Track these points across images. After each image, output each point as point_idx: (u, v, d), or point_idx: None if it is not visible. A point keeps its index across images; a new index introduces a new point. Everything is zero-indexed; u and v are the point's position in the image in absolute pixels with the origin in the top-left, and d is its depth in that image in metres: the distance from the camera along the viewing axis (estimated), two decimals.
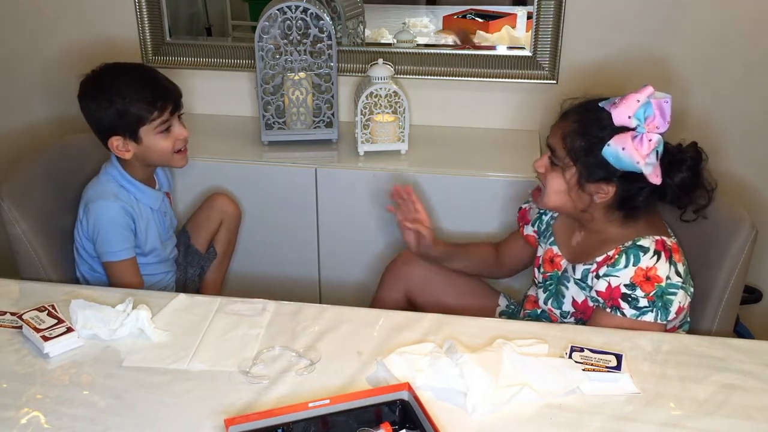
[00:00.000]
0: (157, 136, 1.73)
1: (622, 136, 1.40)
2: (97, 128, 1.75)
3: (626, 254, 1.46)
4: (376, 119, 2.08)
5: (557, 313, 1.62)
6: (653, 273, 1.43)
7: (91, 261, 1.81)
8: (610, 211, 1.51)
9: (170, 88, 1.76)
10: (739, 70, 2.10)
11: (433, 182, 2.02)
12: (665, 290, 1.42)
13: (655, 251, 1.44)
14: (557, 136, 1.48)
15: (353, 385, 1.28)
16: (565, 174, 1.48)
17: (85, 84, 1.74)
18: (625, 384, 1.28)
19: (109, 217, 1.73)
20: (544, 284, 1.66)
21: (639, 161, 1.38)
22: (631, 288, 1.44)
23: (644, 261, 1.44)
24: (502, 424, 1.20)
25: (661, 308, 1.43)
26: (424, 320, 1.47)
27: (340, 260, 2.16)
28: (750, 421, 1.21)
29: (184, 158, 1.82)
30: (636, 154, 1.38)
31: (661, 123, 1.41)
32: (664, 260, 1.44)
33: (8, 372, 1.32)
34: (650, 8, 2.07)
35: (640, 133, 1.39)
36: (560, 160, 1.48)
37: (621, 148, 1.39)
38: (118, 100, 1.69)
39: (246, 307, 1.51)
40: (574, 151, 1.45)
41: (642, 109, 1.39)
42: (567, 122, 1.48)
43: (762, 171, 2.20)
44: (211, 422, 1.19)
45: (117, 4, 2.28)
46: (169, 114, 1.74)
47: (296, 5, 1.98)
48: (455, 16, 2.39)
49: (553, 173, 1.50)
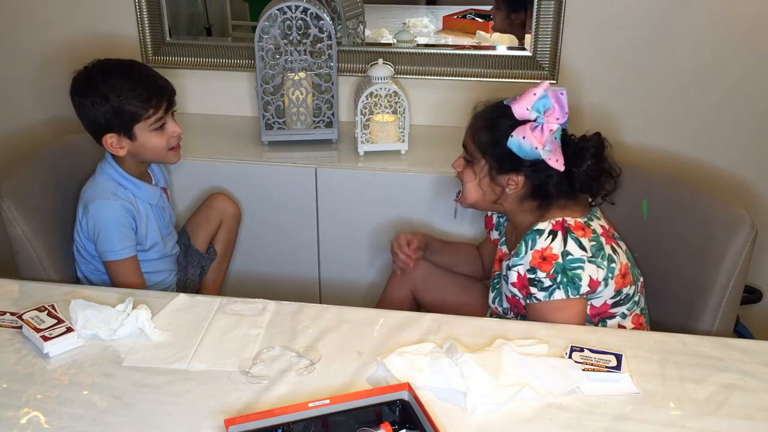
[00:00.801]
0: (151, 134, 1.73)
1: (522, 127, 1.48)
2: (90, 125, 1.74)
3: (524, 241, 1.50)
4: (376, 119, 2.08)
5: (500, 311, 1.66)
6: (549, 252, 1.47)
7: (93, 261, 1.81)
8: (523, 201, 1.57)
9: (164, 86, 1.76)
10: (739, 69, 2.10)
11: (433, 182, 2.02)
12: (565, 265, 1.46)
13: (550, 232, 1.48)
14: (468, 133, 1.60)
15: (353, 385, 1.28)
16: (476, 168, 1.58)
17: (78, 81, 1.73)
18: (625, 384, 1.28)
19: (109, 216, 1.73)
20: (492, 283, 1.70)
21: (537, 147, 1.46)
22: (533, 272, 1.48)
23: (539, 243, 1.48)
24: (502, 424, 1.20)
25: (569, 284, 1.45)
26: (424, 320, 1.47)
27: (340, 260, 2.15)
28: (750, 421, 1.21)
29: (177, 155, 1.82)
30: (535, 141, 1.46)
31: (560, 114, 1.48)
32: (560, 238, 1.47)
33: (8, 372, 1.32)
34: (650, 8, 2.07)
35: (540, 123, 1.47)
36: (471, 156, 1.59)
37: (522, 137, 1.47)
38: (113, 98, 1.68)
39: (246, 307, 1.51)
40: (482, 145, 1.55)
41: (540, 102, 1.47)
42: (476, 120, 1.59)
43: (762, 171, 2.20)
44: (211, 422, 1.19)
45: (117, 4, 2.28)
46: (163, 111, 1.74)
47: (296, 5, 1.98)
48: (455, 16, 2.39)
49: (467, 170, 1.60)
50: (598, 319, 1.56)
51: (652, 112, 2.17)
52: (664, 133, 2.18)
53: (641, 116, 2.18)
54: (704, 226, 1.60)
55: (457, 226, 2.05)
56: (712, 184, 2.16)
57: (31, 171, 1.81)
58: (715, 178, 2.20)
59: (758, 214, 2.12)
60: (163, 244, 1.87)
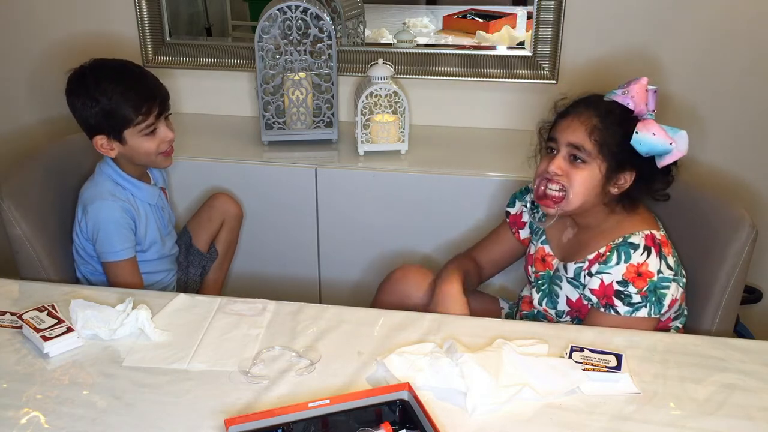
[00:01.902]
0: (141, 138, 1.72)
1: (644, 122, 1.44)
2: (82, 125, 1.74)
3: (617, 251, 1.47)
4: (376, 119, 2.08)
5: (552, 313, 1.62)
6: (644, 269, 1.44)
7: (92, 261, 1.81)
8: (612, 205, 1.52)
9: (157, 91, 1.74)
10: (739, 69, 2.10)
11: (433, 182, 2.02)
12: (657, 284, 1.44)
13: (645, 247, 1.46)
14: (581, 132, 1.47)
15: (353, 385, 1.28)
16: (595, 169, 1.47)
17: (72, 80, 1.72)
18: (625, 384, 1.28)
19: (109, 217, 1.72)
20: (537, 284, 1.66)
21: (668, 141, 1.43)
22: (624, 285, 1.45)
23: (635, 257, 1.45)
24: (502, 424, 1.20)
25: (655, 302, 1.44)
26: (424, 320, 1.47)
27: (340, 260, 2.15)
28: (750, 421, 1.21)
29: (169, 159, 1.80)
30: (664, 135, 1.43)
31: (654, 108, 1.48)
32: (654, 255, 1.45)
33: (8, 372, 1.32)
34: (650, 8, 2.07)
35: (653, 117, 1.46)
36: (587, 156, 1.47)
37: (651, 134, 1.43)
38: (103, 101, 1.67)
39: (246, 307, 1.51)
40: (605, 144, 1.46)
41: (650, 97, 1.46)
42: (586, 117, 1.48)
43: (762, 171, 2.20)
44: (211, 422, 1.19)
45: (117, 4, 2.28)
46: (154, 117, 1.72)
47: (296, 5, 1.98)
48: (455, 16, 2.39)
49: (579, 171, 1.48)
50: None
51: None
52: None
53: None
54: (704, 226, 1.60)
55: (456, 226, 2.05)
56: (712, 184, 2.16)
57: (31, 171, 1.80)
58: (715, 178, 2.20)
59: (758, 214, 2.12)
60: (162, 244, 1.87)
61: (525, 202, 1.74)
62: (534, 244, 1.70)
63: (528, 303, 1.71)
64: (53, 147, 1.93)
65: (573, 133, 1.48)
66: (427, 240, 2.08)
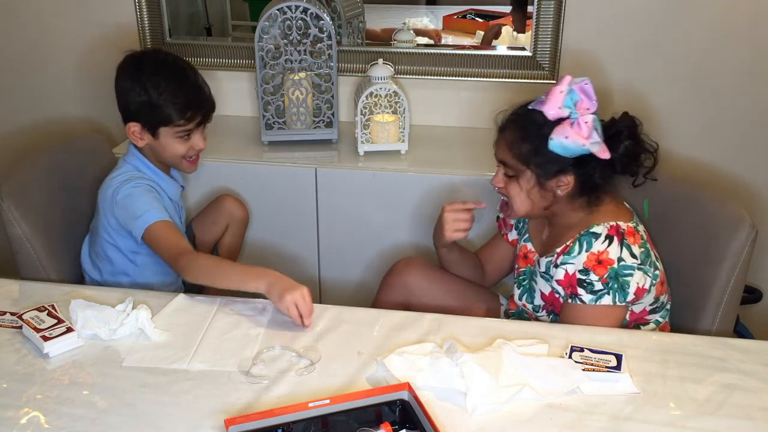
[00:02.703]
0: (174, 140, 1.72)
1: (560, 126, 1.45)
2: (122, 107, 1.72)
3: (579, 241, 1.50)
4: (376, 119, 2.08)
5: (530, 308, 1.65)
6: (605, 256, 1.46)
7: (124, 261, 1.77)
8: (574, 200, 1.54)
9: (206, 101, 1.74)
10: (740, 69, 2.10)
11: (433, 182, 2.02)
12: (618, 271, 1.45)
13: (606, 236, 1.48)
14: (503, 148, 1.55)
15: (353, 385, 1.28)
16: (521, 180, 1.53)
17: (128, 61, 1.72)
18: (625, 384, 1.28)
19: (136, 191, 1.68)
20: (518, 280, 1.69)
21: (584, 143, 1.44)
22: (585, 273, 1.47)
23: (596, 246, 1.47)
24: (502, 424, 1.20)
25: (618, 290, 1.45)
26: (424, 320, 1.47)
27: (340, 260, 2.16)
28: (750, 421, 1.21)
29: (193, 166, 1.80)
30: (579, 138, 1.44)
31: (589, 104, 1.46)
32: (616, 243, 1.47)
33: (8, 372, 1.32)
34: (650, 8, 2.07)
35: (575, 118, 1.45)
36: (513, 170, 1.53)
37: (564, 137, 1.45)
38: (152, 93, 1.66)
39: (246, 307, 1.51)
40: (523, 156, 1.50)
41: (568, 97, 1.45)
42: (507, 133, 1.54)
43: (762, 171, 2.20)
44: (211, 422, 1.19)
45: (117, 4, 2.28)
46: (194, 125, 1.72)
47: (296, 5, 1.98)
48: (455, 16, 2.39)
49: (512, 184, 1.55)
50: (634, 324, 1.56)
51: (651, 112, 2.17)
52: (664, 133, 2.18)
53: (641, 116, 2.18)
54: (704, 226, 1.60)
55: None
56: (712, 184, 2.16)
57: (31, 171, 1.80)
58: (715, 178, 2.20)
59: (758, 214, 2.12)
60: None
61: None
62: (519, 243, 1.73)
63: (514, 301, 1.73)
64: (53, 147, 1.93)
65: (500, 150, 1.56)
66: (427, 240, 2.08)
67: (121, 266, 1.79)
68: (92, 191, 1.82)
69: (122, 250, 1.77)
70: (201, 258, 1.60)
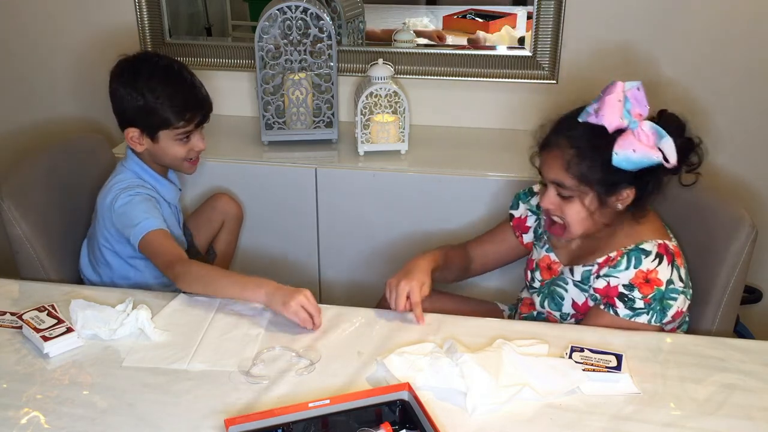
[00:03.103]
0: (174, 142, 1.71)
1: (623, 139, 1.37)
2: (118, 113, 1.72)
3: (628, 256, 1.45)
4: (376, 119, 2.08)
5: (557, 315, 1.61)
6: (654, 276, 1.43)
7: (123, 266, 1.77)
8: (624, 212, 1.48)
9: (204, 102, 1.73)
10: (739, 69, 2.10)
11: (433, 182, 2.02)
12: (665, 294, 1.42)
13: (657, 254, 1.44)
14: (555, 169, 1.44)
15: (353, 385, 1.28)
16: (584, 201, 1.44)
17: (122, 66, 1.70)
18: (625, 384, 1.28)
19: (134, 200, 1.67)
20: (539, 290, 1.65)
21: (654, 154, 1.36)
22: (629, 288, 1.44)
23: (645, 263, 1.44)
24: (502, 424, 1.20)
25: (659, 311, 1.43)
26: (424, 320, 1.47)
27: (340, 260, 2.16)
28: (750, 421, 1.21)
29: (194, 167, 1.80)
30: (647, 149, 1.36)
31: (642, 109, 1.39)
32: (666, 264, 1.43)
33: (8, 372, 1.32)
34: (650, 8, 2.07)
35: (635, 127, 1.37)
36: (572, 191, 1.44)
37: (631, 151, 1.36)
38: (149, 98, 1.66)
39: (246, 307, 1.51)
40: (584, 176, 1.41)
41: (625, 107, 1.38)
42: (558, 151, 1.43)
43: (762, 171, 2.20)
44: (211, 422, 1.19)
45: (117, 4, 2.28)
46: (194, 126, 1.72)
47: (296, 5, 1.98)
48: (455, 16, 2.39)
49: (570, 204, 1.45)
50: None
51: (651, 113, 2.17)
52: None
53: None
54: (704, 226, 1.60)
55: (456, 226, 2.04)
56: (712, 184, 2.15)
57: (31, 171, 1.80)
58: (715, 178, 2.20)
59: (758, 214, 2.12)
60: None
61: (530, 206, 1.70)
62: (537, 251, 1.67)
63: (528, 305, 1.70)
64: (53, 147, 1.93)
65: (551, 170, 1.45)
66: (427, 240, 2.08)
67: (121, 271, 1.79)
68: (92, 191, 1.82)
69: (121, 256, 1.77)
70: (195, 267, 1.56)
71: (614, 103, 1.36)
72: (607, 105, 1.37)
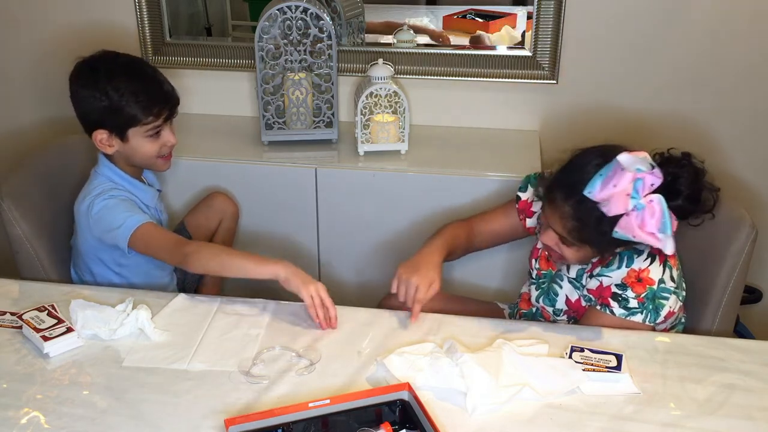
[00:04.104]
0: (144, 139, 1.68)
1: (625, 222, 1.35)
2: (83, 117, 1.68)
3: (620, 256, 1.47)
4: (376, 119, 2.08)
5: (550, 311, 1.62)
6: (645, 275, 1.43)
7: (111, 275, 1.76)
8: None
9: (169, 95, 1.71)
10: (739, 69, 2.10)
11: (433, 182, 2.02)
12: (657, 293, 1.43)
13: (649, 254, 1.45)
14: (560, 227, 1.44)
15: (353, 385, 1.28)
16: (583, 250, 1.46)
17: (81, 69, 1.67)
18: (625, 384, 1.28)
19: (110, 202, 1.65)
20: (537, 281, 1.66)
21: (653, 241, 1.34)
22: (622, 288, 1.45)
23: (637, 263, 1.45)
24: (502, 424, 1.20)
25: (652, 311, 1.43)
26: (424, 320, 1.47)
27: (340, 260, 2.15)
28: (750, 421, 1.21)
29: (167, 163, 1.77)
30: (646, 237, 1.34)
31: (654, 180, 1.35)
32: (658, 263, 1.44)
33: (8, 372, 1.32)
34: (650, 7, 2.07)
35: (640, 209, 1.34)
36: (574, 244, 1.45)
37: (632, 236, 1.35)
38: (114, 96, 1.62)
39: (246, 307, 1.51)
40: (585, 240, 1.43)
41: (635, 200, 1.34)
42: (562, 215, 1.42)
43: (762, 171, 2.20)
44: (211, 422, 1.19)
45: (117, 4, 2.28)
46: (162, 120, 1.69)
47: (296, 5, 1.98)
48: (455, 16, 2.39)
49: (569, 248, 1.47)
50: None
51: (652, 113, 2.17)
52: (664, 133, 2.18)
53: (641, 116, 2.18)
54: (704, 226, 1.59)
55: None
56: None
57: (31, 171, 1.80)
58: (715, 178, 2.20)
59: (758, 214, 2.12)
60: None
61: (538, 192, 1.66)
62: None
63: (526, 301, 1.71)
64: (53, 147, 1.93)
65: (554, 223, 1.46)
66: None
67: (105, 278, 1.77)
68: None
69: (105, 263, 1.75)
70: (207, 246, 1.58)
71: (623, 197, 1.33)
72: (614, 200, 1.34)
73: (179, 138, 1.82)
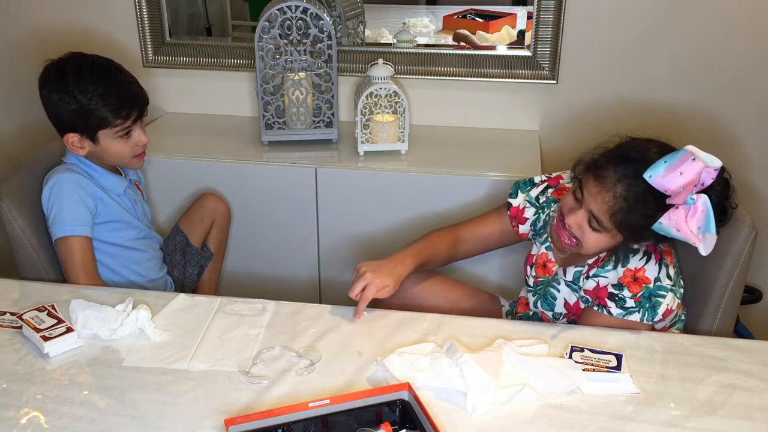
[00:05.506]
0: (115, 141, 1.70)
1: (673, 214, 1.33)
2: (54, 120, 1.70)
3: (616, 255, 1.47)
4: (376, 119, 2.08)
5: (549, 315, 1.62)
6: (641, 274, 1.43)
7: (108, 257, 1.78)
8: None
9: (138, 96, 1.72)
10: (740, 68, 2.10)
11: (433, 182, 2.02)
12: (653, 292, 1.43)
13: (644, 252, 1.45)
14: (601, 207, 1.39)
15: (353, 385, 1.28)
16: (610, 238, 1.43)
17: (49, 72, 1.68)
18: (625, 384, 1.28)
19: (63, 189, 1.66)
20: (535, 288, 1.66)
21: (694, 239, 1.33)
22: (618, 288, 1.45)
23: (633, 262, 1.45)
24: (502, 424, 1.20)
25: (649, 309, 1.43)
26: (424, 320, 1.47)
27: (340, 260, 2.16)
28: (750, 421, 1.21)
29: (141, 161, 1.79)
30: (689, 235, 1.32)
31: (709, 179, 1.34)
32: (653, 262, 1.44)
33: (8, 372, 1.32)
34: (649, 7, 2.07)
35: (690, 204, 1.33)
36: (604, 228, 1.41)
37: (676, 231, 1.33)
38: (82, 100, 1.64)
39: (246, 307, 1.51)
40: (623, 226, 1.39)
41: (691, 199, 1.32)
42: (611, 194, 1.38)
43: (762, 171, 2.20)
44: (211, 422, 1.19)
45: (117, 4, 2.28)
46: (132, 121, 1.70)
47: (296, 5, 1.98)
48: (455, 16, 2.39)
49: (594, 234, 1.43)
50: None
51: (650, 111, 2.17)
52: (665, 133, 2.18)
53: (641, 116, 2.18)
54: None
55: None
56: None
57: (31, 171, 1.80)
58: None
59: (758, 214, 2.12)
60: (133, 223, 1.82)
61: (530, 198, 1.68)
62: (537, 246, 1.68)
63: (524, 305, 1.71)
64: (53, 147, 1.93)
65: (594, 203, 1.40)
66: None
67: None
68: None
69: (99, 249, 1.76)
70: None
71: (688, 186, 1.31)
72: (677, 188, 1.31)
73: (180, 138, 1.83)
